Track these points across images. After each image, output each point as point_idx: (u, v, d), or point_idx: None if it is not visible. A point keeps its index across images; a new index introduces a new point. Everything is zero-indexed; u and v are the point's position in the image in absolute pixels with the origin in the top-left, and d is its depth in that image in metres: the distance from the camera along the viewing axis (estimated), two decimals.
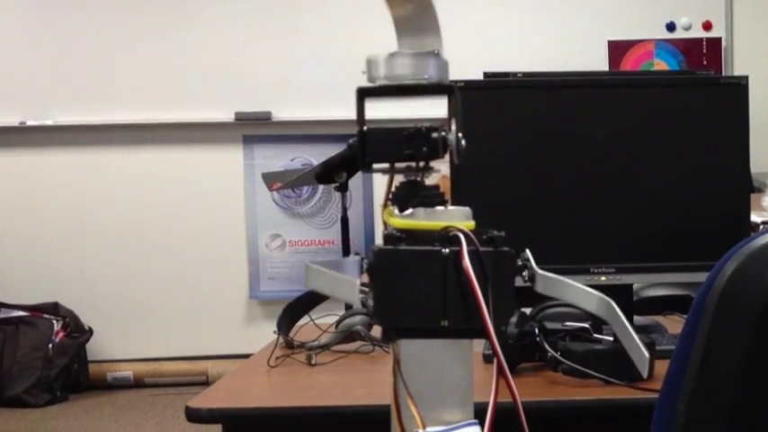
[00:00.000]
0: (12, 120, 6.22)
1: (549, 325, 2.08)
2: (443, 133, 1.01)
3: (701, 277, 1.38)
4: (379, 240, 1.01)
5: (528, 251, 1.04)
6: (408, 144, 1.01)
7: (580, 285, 1.05)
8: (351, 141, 1.03)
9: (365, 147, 1.02)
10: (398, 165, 1.03)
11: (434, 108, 1.14)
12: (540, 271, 1.04)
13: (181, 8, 6.22)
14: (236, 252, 6.34)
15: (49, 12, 6.21)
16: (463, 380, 1.01)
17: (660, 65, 6.17)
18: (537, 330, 2.06)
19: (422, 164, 1.02)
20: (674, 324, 2.50)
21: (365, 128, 1.02)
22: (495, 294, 0.98)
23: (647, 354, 1.04)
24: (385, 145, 1.01)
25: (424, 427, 0.97)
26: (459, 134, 1.02)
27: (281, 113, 6.22)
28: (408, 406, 0.98)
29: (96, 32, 6.21)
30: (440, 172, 1.05)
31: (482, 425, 0.98)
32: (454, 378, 1.01)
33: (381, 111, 1.10)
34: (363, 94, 1.04)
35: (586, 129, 2.42)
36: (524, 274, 1.04)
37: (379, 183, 0.99)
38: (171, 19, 6.22)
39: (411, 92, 1.04)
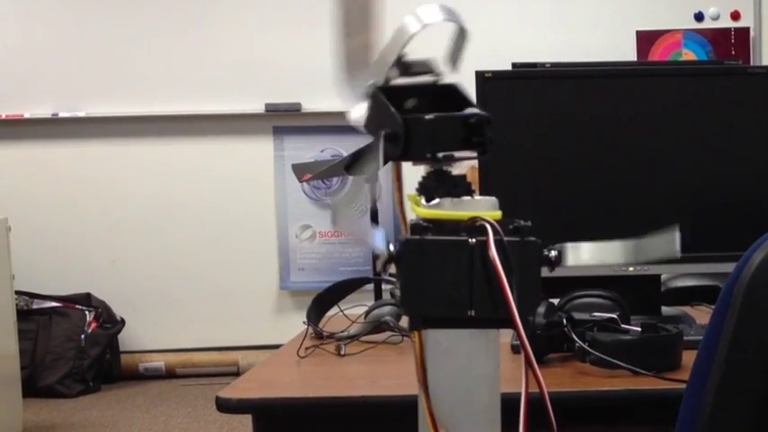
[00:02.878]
0: (44, 111, 6.26)
1: (577, 315, 2.08)
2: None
3: (729, 268, 1.38)
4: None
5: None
6: (469, 133, 1.00)
7: (603, 242, 1.05)
8: (385, 132, 1.02)
9: (426, 136, 1.01)
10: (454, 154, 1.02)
11: None
12: (569, 243, 1.05)
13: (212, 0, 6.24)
14: (266, 243, 6.37)
15: (80, 4, 6.25)
16: (490, 370, 1.01)
17: (688, 55, 6.14)
18: (565, 321, 2.06)
19: (468, 153, 1.02)
20: (701, 315, 2.50)
21: (430, 116, 1.01)
22: (522, 284, 0.98)
23: (677, 232, 1.03)
24: (442, 134, 1.01)
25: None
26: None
27: (311, 104, 6.23)
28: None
29: (128, 24, 6.24)
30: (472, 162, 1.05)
31: (516, 417, 0.98)
32: (481, 368, 1.01)
33: None
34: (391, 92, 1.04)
35: (613, 119, 2.42)
36: (553, 254, 1.03)
37: (408, 174, 0.99)
38: (202, 11, 6.24)
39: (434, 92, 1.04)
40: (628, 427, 2.03)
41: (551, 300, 2.16)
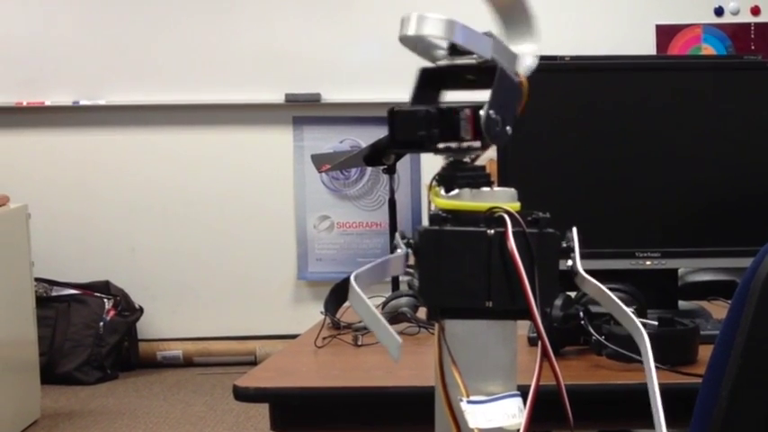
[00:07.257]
0: (65, 99, 6.28)
1: (594, 308, 2.08)
2: (481, 113, 1.00)
3: (746, 263, 1.38)
4: (426, 222, 1.01)
5: (575, 230, 1.04)
6: (429, 125, 1.00)
7: (618, 303, 1.06)
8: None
9: (394, 127, 1.01)
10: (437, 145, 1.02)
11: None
12: (582, 272, 1.04)
13: None
14: (284, 233, 6.37)
15: None
16: (507, 361, 1.01)
17: (708, 50, 6.12)
18: (581, 314, 2.06)
19: (464, 145, 1.02)
20: (718, 309, 2.49)
21: (395, 108, 1.02)
22: (540, 276, 0.98)
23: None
24: (409, 125, 1.01)
25: (468, 395, 0.97)
26: (491, 113, 1.01)
27: (331, 95, 6.23)
28: (453, 374, 0.98)
29: (149, 13, 6.25)
30: (485, 153, 1.05)
31: (535, 409, 0.98)
32: (498, 359, 1.01)
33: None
34: (425, 75, 1.05)
35: (633, 113, 2.41)
36: (569, 263, 1.03)
37: (427, 165, 0.99)
38: (223, 0, 6.24)
39: (467, 71, 1.04)
40: (643, 420, 2.03)
41: (568, 293, 2.16)
